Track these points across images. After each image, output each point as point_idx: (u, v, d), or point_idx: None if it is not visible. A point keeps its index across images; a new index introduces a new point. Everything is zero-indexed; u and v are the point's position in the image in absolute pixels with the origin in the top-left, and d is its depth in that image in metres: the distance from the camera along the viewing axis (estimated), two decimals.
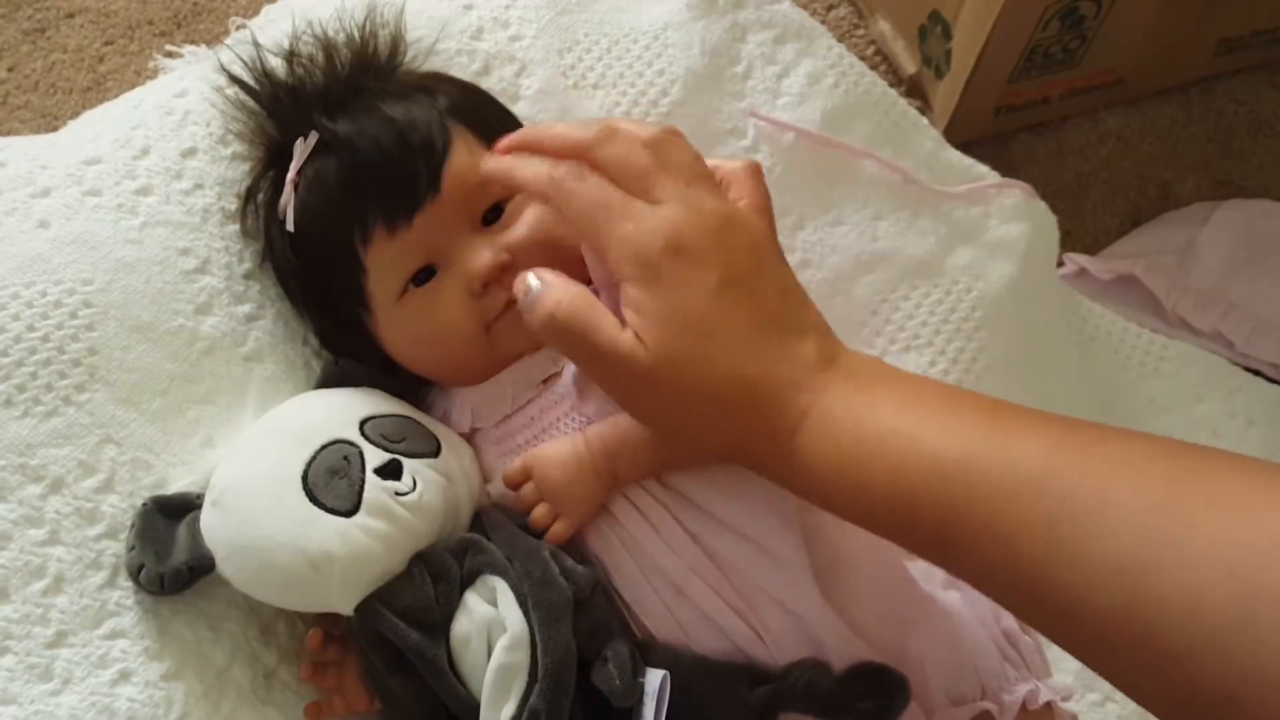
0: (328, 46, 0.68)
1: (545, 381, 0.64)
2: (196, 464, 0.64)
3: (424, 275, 0.64)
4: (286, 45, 0.68)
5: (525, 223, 0.63)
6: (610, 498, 0.60)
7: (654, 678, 0.54)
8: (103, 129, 0.72)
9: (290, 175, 0.64)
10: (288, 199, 0.65)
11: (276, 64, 0.68)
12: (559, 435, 0.62)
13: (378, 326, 0.66)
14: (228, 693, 0.61)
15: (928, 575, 0.59)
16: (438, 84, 0.69)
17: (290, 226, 0.65)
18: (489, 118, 0.68)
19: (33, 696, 0.57)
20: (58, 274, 0.66)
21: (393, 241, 0.63)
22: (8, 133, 1.03)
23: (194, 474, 0.64)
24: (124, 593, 0.61)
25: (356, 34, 0.69)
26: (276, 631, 0.64)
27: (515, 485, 0.61)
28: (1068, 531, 0.41)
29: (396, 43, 0.70)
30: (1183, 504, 0.39)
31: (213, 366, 0.67)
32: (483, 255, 0.62)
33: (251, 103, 0.69)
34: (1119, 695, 0.77)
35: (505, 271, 0.62)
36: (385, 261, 0.63)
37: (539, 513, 0.60)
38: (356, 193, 0.63)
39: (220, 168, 0.71)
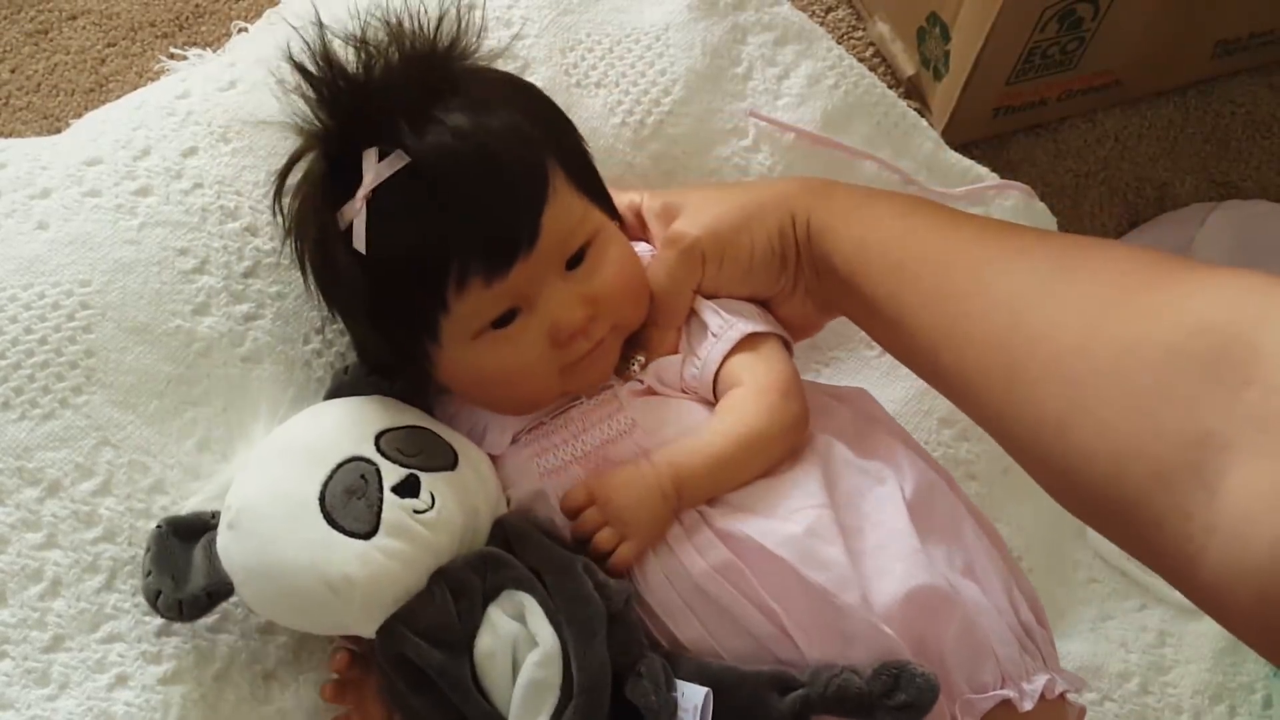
0: (395, 33, 0.60)
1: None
2: (208, 477, 0.64)
3: (505, 317, 0.61)
4: (341, 28, 0.61)
5: (610, 273, 0.62)
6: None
7: (695, 694, 0.54)
8: (104, 130, 0.72)
9: (363, 192, 0.58)
10: (357, 214, 0.59)
11: (302, 53, 0.60)
12: (603, 434, 0.62)
13: (441, 357, 0.62)
14: (226, 695, 0.61)
15: (947, 564, 0.59)
16: (520, 98, 0.64)
17: (360, 247, 0.59)
18: (571, 145, 0.65)
19: (30, 701, 0.57)
20: (55, 275, 0.65)
21: (487, 290, 0.59)
22: (10, 134, 1.03)
23: (206, 490, 0.63)
24: (121, 596, 0.60)
25: (422, 22, 0.61)
26: (275, 632, 0.64)
27: (575, 511, 0.59)
28: (952, 307, 0.54)
29: (463, 37, 0.63)
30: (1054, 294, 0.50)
31: (210, 368, 0.67)
32: (574, 309, 0.60)
33: (306, 87, 0.61)
34: (1117, 694, 0.77)
35: (590, 322, 0.61)
36: (473, 307, 0.60)
37: (604, 536, 0.58)
38: (456, 238, 0.58)
39: (220, 166, 0.71)
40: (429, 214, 0.58)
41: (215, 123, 0.72)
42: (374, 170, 0.58)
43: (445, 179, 0.58)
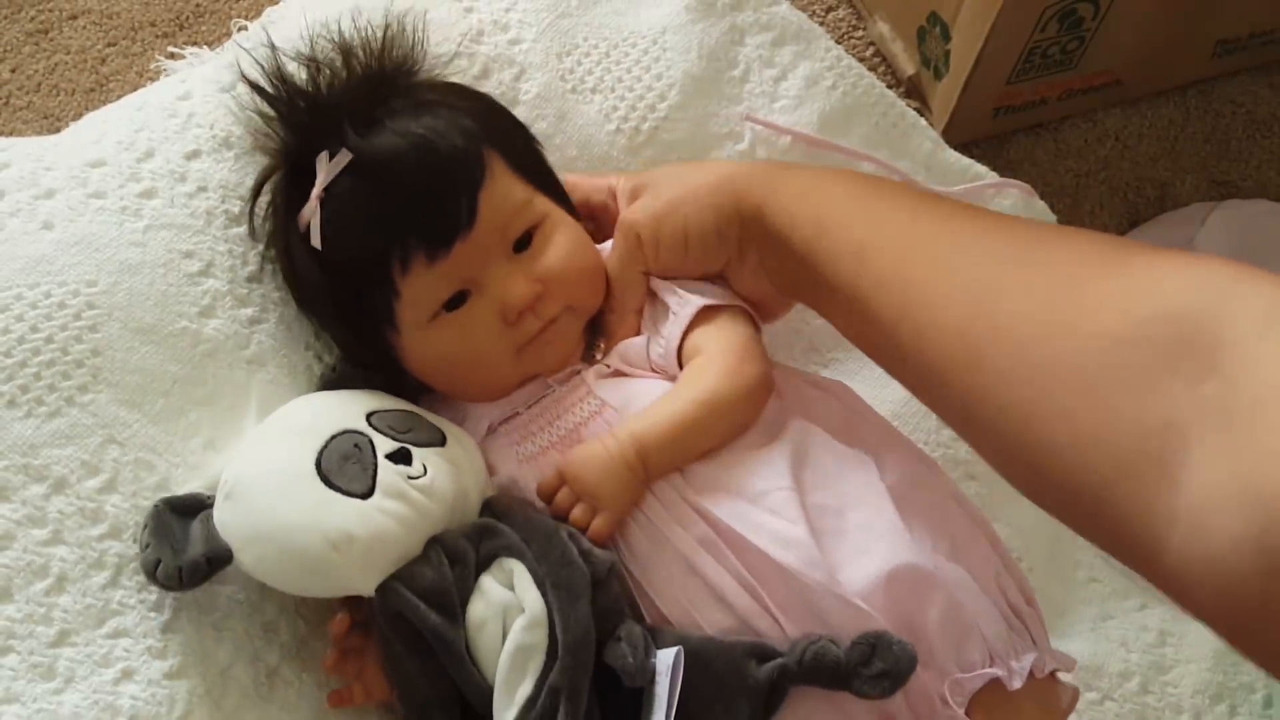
0: (346, 51, 0.66)
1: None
2: (202, 467, 0.64)
3: (456, 300, 0.64)
4: (299, 47, 0.67)
5: (557, 254, 0.65)
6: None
7: (666, 656, 0.55)
8: (106, 131, 0.72)
9: (316, 191, 0.63)
10: (312, 214, 0.63)
11: (290, 67, 0.66)
12: (575, 418, 0.64)
13: (403, 344, 0.65)
14: (230, 691, 0.61)
15: (932, 545, 0.59)
16: (464, 101, 0.68)
17: (316, 243, 0.63)
18: (515, 139, 0.68)
19: (35, 695, 0.58)
20: (62, 275, 0.66)
21: (430, 270, 0.63)
22: (10, 134, 1.03)
23: (200, 477, 0.64)
24: (127, 591, 0.61)
25: (374, 39, 0.66)
26: (279, 629, 0.64)
27: (549, 493, 0.61)
28: (914, 293, 0.53)
29: (415, 50, 0.68)
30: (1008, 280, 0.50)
31: (215, 369, 0.67)
32: (519, 286, 0.63)
33: (265, 106, 0.67)
34: (1118, 694, 0.78)
35: (539, 300, 0.63)
36: (421, 289, 0.63)
37: (577, 513, 0.60)
38: (397, 222, 0.62)
39: (224, 170, 0.71)
40: (373, 203, 0.63)
41: (217, 125, 0.72)
42: (325, 170, 0.62)
43: (387, 170, 0.62)
